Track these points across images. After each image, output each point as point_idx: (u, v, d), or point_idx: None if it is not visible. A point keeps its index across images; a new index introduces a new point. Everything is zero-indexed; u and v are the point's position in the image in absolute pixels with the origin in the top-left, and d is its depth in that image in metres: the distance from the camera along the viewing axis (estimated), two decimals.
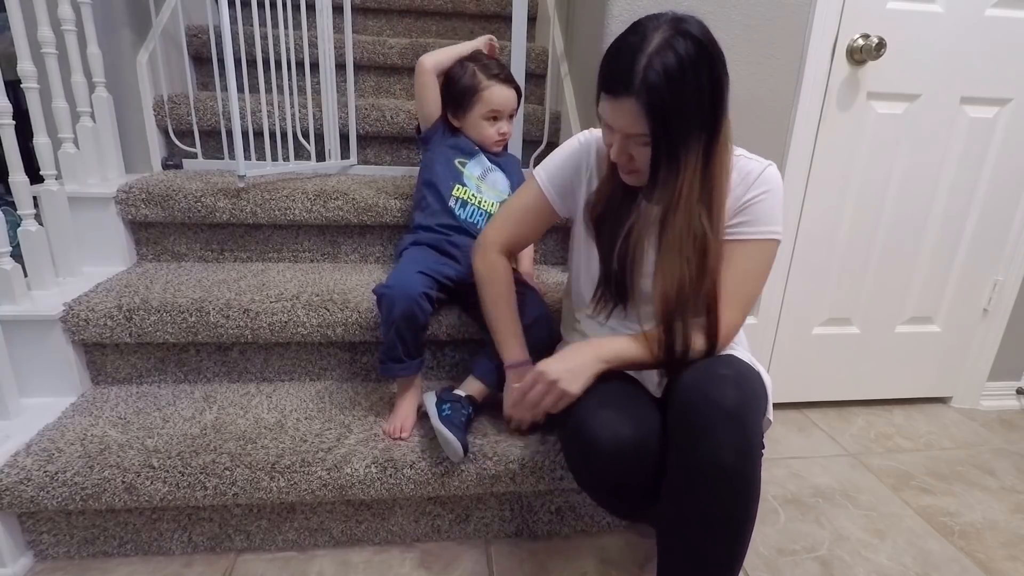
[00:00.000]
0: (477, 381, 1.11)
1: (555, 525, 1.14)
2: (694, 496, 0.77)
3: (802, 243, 1.48)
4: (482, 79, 1.21)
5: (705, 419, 0.76)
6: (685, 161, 0.79)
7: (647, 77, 0.74)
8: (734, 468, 0.74)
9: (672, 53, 0.73)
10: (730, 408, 0.75)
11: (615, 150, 0.83)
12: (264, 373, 1.25)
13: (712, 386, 0.78)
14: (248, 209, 1.34)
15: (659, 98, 0.74)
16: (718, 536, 0.77)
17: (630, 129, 0.79)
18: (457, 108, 1.25)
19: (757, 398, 0.80)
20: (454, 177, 1.23)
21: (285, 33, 1.39)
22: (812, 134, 1.39)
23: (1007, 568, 1.12)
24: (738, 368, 0.83)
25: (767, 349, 1.56)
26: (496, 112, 1.23)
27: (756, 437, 0.76)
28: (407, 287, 1.04)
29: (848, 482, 1.34)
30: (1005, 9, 1.35)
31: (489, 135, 1.25)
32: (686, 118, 0.77)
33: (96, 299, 1.14)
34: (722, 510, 0.76)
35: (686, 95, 0.75)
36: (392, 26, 2.08)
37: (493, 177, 1.27)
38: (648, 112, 0.75)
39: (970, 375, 1.68)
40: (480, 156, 1.27)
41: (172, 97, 1.55)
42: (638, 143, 0.80)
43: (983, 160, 1.48)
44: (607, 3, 1.23)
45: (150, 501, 0.97)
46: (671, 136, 0.77)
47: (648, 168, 0.82)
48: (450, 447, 0.99)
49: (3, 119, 1.07)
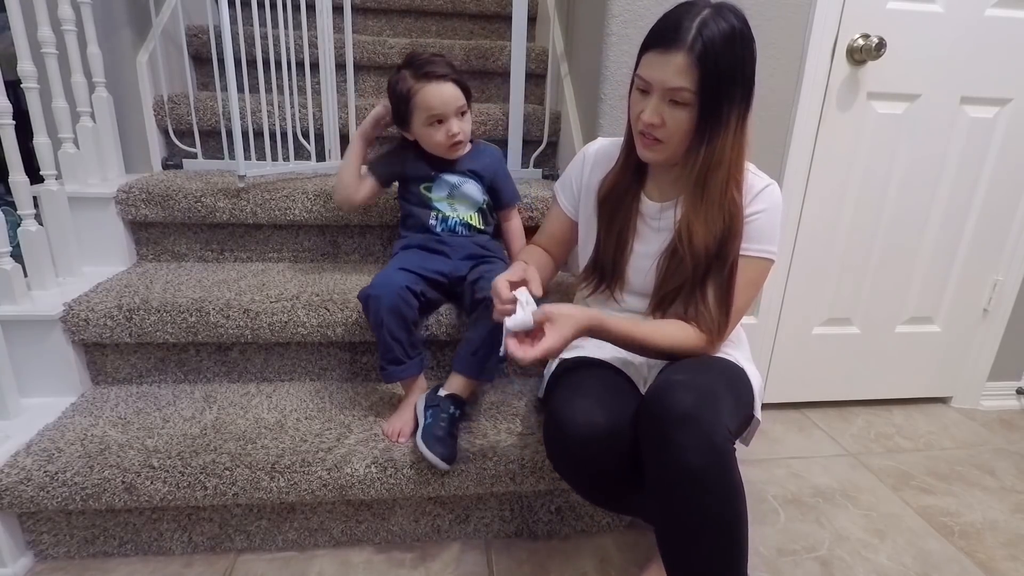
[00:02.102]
0: (459, 376, 1.08)
1: (555, 525, 1.14)
2: (672, 502, 0.78)
3: (802, 243, 1.48)
4: (411, 83, 1.10)
5: (663, 426, 0.77)
6: (727, 120, 0.84)
7: (702, 32, 0.80)
8: (701, 469, 0.74)
9: (724, 21, 0.81)
10: (683, 412, 0.76)
11: (649, 110, 0.85)
12: (264, 373, 1.25)
13: (666, 393, 0.79)
14: (248, 209, 1.34)
15: (712, 52, 0.79)
16: (708, 536, 0.77)
17: (674, 81, 0.82)
18: (401, 122, 1.16)
19: (718, 398, 0.79)
20: (424, 204, 1.20)
21: (285, 33, 1.39)
22: (812, 134, 1.39)
23: (1007, 568, 1.12)
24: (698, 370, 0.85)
25: (767, 349, 1.56)
26: (438, 115, 1.11)
27: (720, 435, 0.75)
28: (389, 284, 1.05)
29: (848, 482, 1.34)
30: (1005, 9, 1.35)
31: (439, 142, 1.14)
32: (733, 77, 0.82)
33: (96, 299, 1.14)
34: (702, 511, 0.76)
35: (735, 56, 0.81)
36: (392, 26, 2.07)
37: (462, 191, 1.21)
38: (699, 64, 0.80)
39: (970, 375, 1.68)
40: (439, 179, 1.19)
41: (172, 97, 1.55)
42: (676, 101, 0.83)
43: (983, 160, 1.48)
44: (607, 3, 1.23)
45: (150, 501, 0.97)
46: (719, 90, 0.82)
47: (675, 136, 0.86)
48: (431, 464, 0.99)
49: (3, 119, 1.07)
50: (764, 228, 0.92)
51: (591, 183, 1.04)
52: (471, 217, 1.22)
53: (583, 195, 1.06)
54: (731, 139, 0.85)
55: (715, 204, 0.88)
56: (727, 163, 0.86)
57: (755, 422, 0.96)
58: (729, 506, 0.76)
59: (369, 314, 1.07)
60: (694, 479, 0.75)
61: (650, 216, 0.98)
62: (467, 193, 1.21)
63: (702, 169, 0.86)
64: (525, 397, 1.22)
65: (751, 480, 1.33)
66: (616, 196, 0.99)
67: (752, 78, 0.85)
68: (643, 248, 0.99)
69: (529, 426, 1.12)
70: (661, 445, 0.77)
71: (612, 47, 1.25)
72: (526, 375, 1.31)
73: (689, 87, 0.81)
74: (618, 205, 0.99)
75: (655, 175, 0.98)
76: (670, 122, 0.85)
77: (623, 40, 1.25)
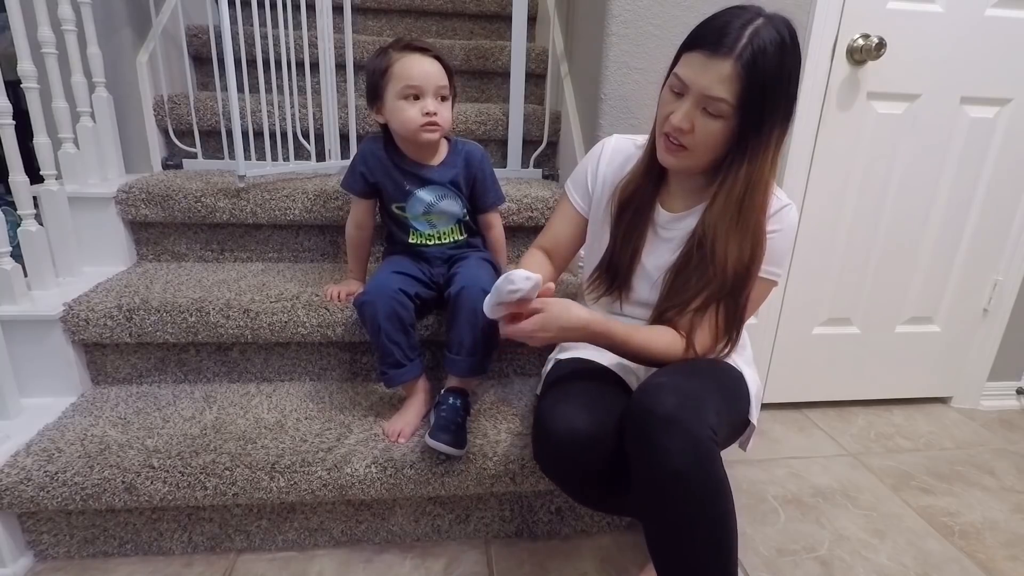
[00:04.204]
0: (453, 378, 1.08)
1: (555, 525, 1.14)
2: (658, 503, 0.78)
3: (802, 243, 1.48)
4: (391, 53, 1.03)
5: (647, 429, 0.76)
6: (768, 139, 0.81)
7: (753, 41, 0.75)
8: (686, 471, 0.74)
9: (776, 32, 0.77)
10: (666, 413, 0.75)
11: (680, 114, 0.81)
12: (264, 373, 1.25)
13: (649, 396, 0.78)
14: (248, 209, 1.34)
15: (762, 64, 0.75)
16: (695, 536, 0.77)
17: (714, 91, 0.77)
18: (374, 98, 1.06)
19: (701, 399, 0.79)
20: (400, 223, 1.16)
21: (285, 33, 1.39)
22: (812, 134, 1.39)
23: (1007, 568, 1.12)
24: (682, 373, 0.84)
25: (767, 349, 1.56)
26: (414, 88, 1.01)
27: (704, 437, 0.75)
28: (383, 289, 1.03)
29: (848, 482, 1.34)
30: (1005, 9, 1.35)
31: (411, 117, 1.02)
32: (778, 93, 0.78)
33: (96, 299, 1.14)
34: (688, 511, 0.76)
35: (783, 71, 0.78)
36: (392, 26, 2.07)
37: (440, 208, 1.14)
38: (746, 75, 0.76)
39: (970, 375, 1.68)
40: (413, 197, 1.11)
41: (172, 97, 1.55)
42: (710, 112, 0.79)
43: (983, 160, 1.48)
44: (607, 3, 1.23)
45: (150, 501, 0.97)
46: (763, 106, 0.78)
47: (701, 147, 0.82)
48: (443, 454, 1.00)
49: (3, 119, 1.07)
50: (775, 249, 0.89)
51: (606, 182, 1.00)
52: (451, 231, 1.17)
53: (597, 194, 1.02)
54: (770, 160, 0.82)
55: (749, 230, 0.84)
56: (764, 185, 0.83)
57: (751, 427, 0.96)
58: (715, 506, 0.76)
59: (366, 322, 1.05)
60: (678, 480, 0.74)
61: (661, 225, 0.95)
62: (444, 209, 1.14)
63: (742, 191, 0.82)
64: (525, 397, 1.22)
65: (751, 480, 1.33)
66: (636, 202, 0.95)
67: (796, 97, 0.81)
68: (648, 258, 0.96)
69: (529, 426, 1.12)
70: (645, 447, 0.77)
71: (612, 47, 1.25)
72: (526, 375, 1.31)
73: (729, 99, 0.77)
74: (637, 212, 0.95)
75: (673, 182, 0.95)
76: (700, 131, 0.81)
77: (623, 40, 1.25)
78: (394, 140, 1.12)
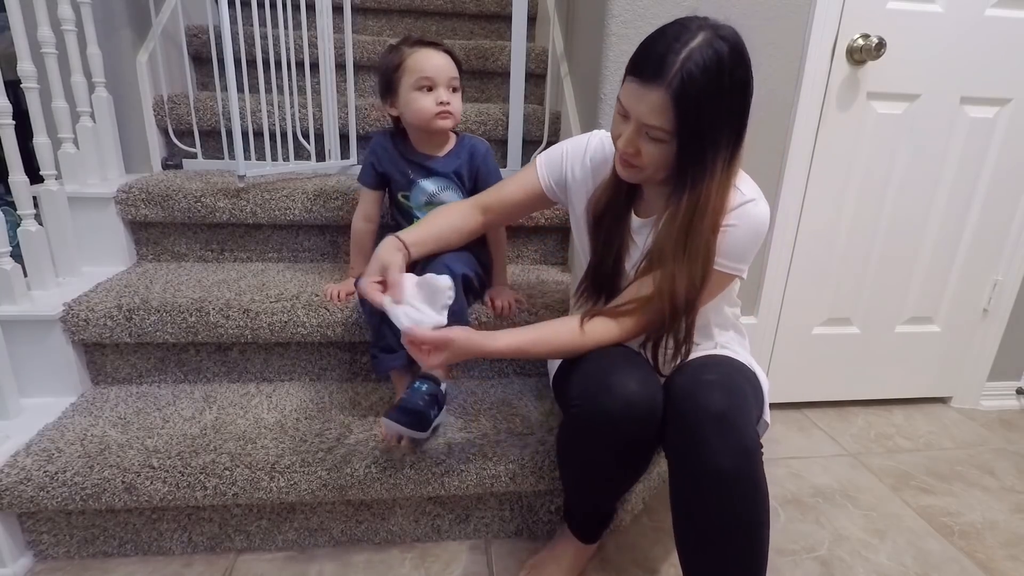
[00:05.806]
0: None
1: (555, 525, 1.14)
2: (698, 502, 0.77)
3: (802, 243, 1.48)
4: (404, 49, 1.09)
5: (697, 426, 0.75)
6: (712, 166, 0.77)
7: (684, 69, 0.71)
8: (734, 472, 0.74)
9: (712, 51, 0.72)
10: (719, 412, 0.75)
11: (624, 139, 0.80)
12: (264, 373, 1.25)
13: (700, 391, 0.78)
14: (248, 209, 1.34)
15: (693, 92, 0.72)
16: (732, 539, 0.77)
17: (649, 119, 0.75)
18: (387, 91, 1.12)
19: (747, 399, 0.79)
20: (404, 212, 1.20)
21: (285, 33, 1.39)
22: (812, 134, 1.39)
23: (1007, 568, 1.12)
24: (726, 370, 0.84)
25: (767, 349, 1.56)
26: (428, 80, 1.08)
27: (751, 438, 0.75)
28: None
29: (848, 482, 1.34)
30: (1005, 9, 1.35)
31: (425, 107, 1.08)
32: (717, 119, 0.75)
33: (96, 299, 1.14)
34: (728, 513, 0.76)
35: (721, 95, 0.73)
36: (392, 26, 2.07)
37: (442, 197, 1.17)
38: (676, 106, 0.73)
39: (970, 375, 1.68)
40: (417, 186, 1.16)
41: (172, 97, 1.55)
42: (651, 136, 0.77)
43: (983, 160, 1.47)
44: (607, 3, 1.23)
45: (150, 501, 0.97)
46: (701, 134, 0.75)
47: (650, 167, 0.80)
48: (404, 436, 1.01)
49: (3, 119, 1.07)
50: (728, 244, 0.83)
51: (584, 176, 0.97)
52: None
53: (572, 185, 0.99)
54: (716, 184, 0.78)
55: (699, 255, 0.81)
56: (712, 211, 0.79)
57: (764, 425, 0.96)
58: (755, 510, 0.76)
59: (364, 301, 1.05)
60: (727, 482, 0.74)
61: (634, 230, 0.94)
62: (446, 200, 1.17)
63: (685, 218, 0.79)
64: (525, 397, 1.22)
65: None
66: (613, 211, 0.93)
67: (744, 114, 0.77)
68: (628, 263, 0.95)
69: (529, 426, 1.12)
70: (691, 445, 0.76)
71: (612, 47, 1.25)
72: (526, 375, 1.31)
73: (665, 127, 0.74)
74: (615, 219, 0.93)
75: (645, 188, 0.93)
76: (645, 154, 0.79)
77: (623, 40, 1.25)
78: (404, 132, 1.18)
